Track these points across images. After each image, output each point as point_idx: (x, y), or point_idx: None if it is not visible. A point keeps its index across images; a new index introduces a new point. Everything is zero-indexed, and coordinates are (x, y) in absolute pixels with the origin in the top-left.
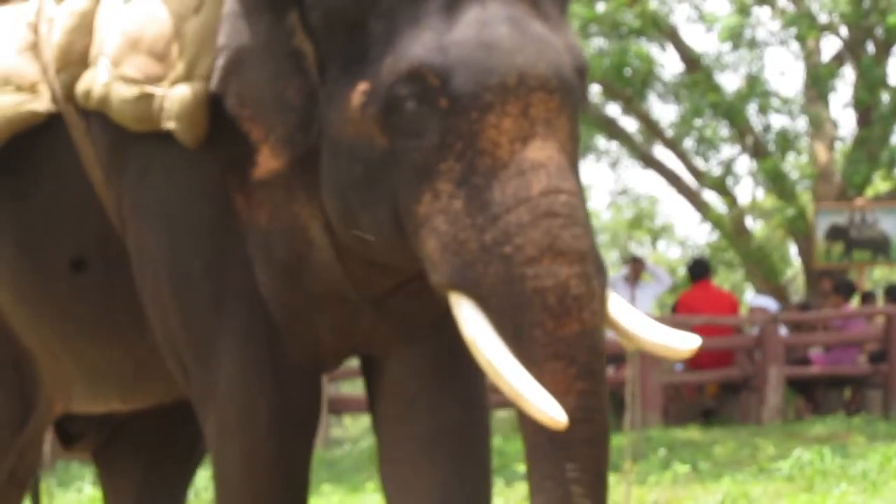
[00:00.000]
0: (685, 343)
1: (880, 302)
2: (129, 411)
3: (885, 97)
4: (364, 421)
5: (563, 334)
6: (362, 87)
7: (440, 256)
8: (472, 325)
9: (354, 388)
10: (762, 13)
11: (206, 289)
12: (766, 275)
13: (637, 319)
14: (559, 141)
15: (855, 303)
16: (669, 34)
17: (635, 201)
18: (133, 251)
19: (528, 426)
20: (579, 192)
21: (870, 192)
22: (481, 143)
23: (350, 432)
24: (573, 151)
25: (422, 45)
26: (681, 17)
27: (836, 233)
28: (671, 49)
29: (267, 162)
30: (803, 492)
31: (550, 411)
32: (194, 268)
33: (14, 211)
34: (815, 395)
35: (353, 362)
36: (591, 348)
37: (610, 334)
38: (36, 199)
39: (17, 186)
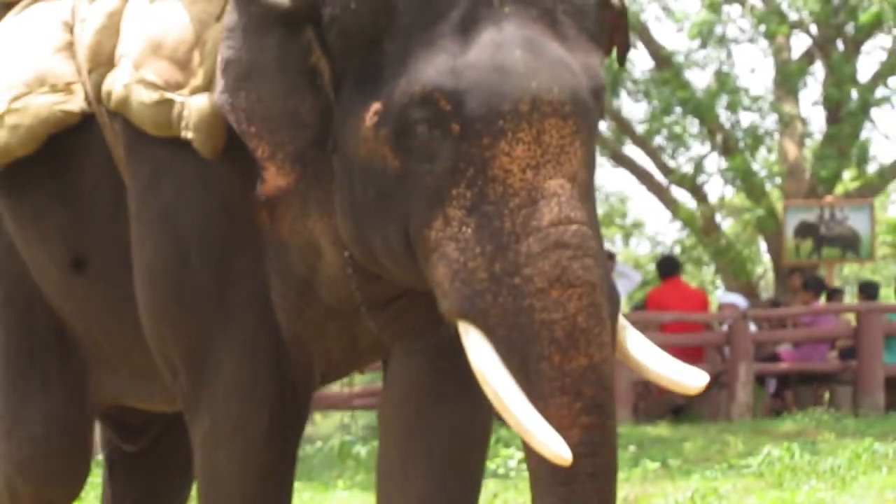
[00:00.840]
0: (694, 380)
1: (848, 298)
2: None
3: (854, 94)
4: (334, 419)
5: (570, 368)
6: (375, 107)
7: (449, 284)
8: (480, 355)
9: (325, 386)
10: (732, 10)
11: (212, 298)
12: (735, 272)
13: (648, 350)
14: (572, 168)
15: (823, 299)
16: (639, 31)
17: (606, 199)
18: (134, 253)
19: (533, 458)
20: (591, 222)
21: (839, 189)
22: (493, 169)
23: (321, 430)
24: (587, 179)
25: (435, 67)
26: (651, 15)
27: (805, 230)
28: (641, 46)
29: (274, 179)
30: (773, 488)
31: (554, 446)
32: (202, 278)
33: (59, 212)
34: (786, 392)
35: None
36: (598, 382)
37: None
38: (81, 204)
39: (59, 187)
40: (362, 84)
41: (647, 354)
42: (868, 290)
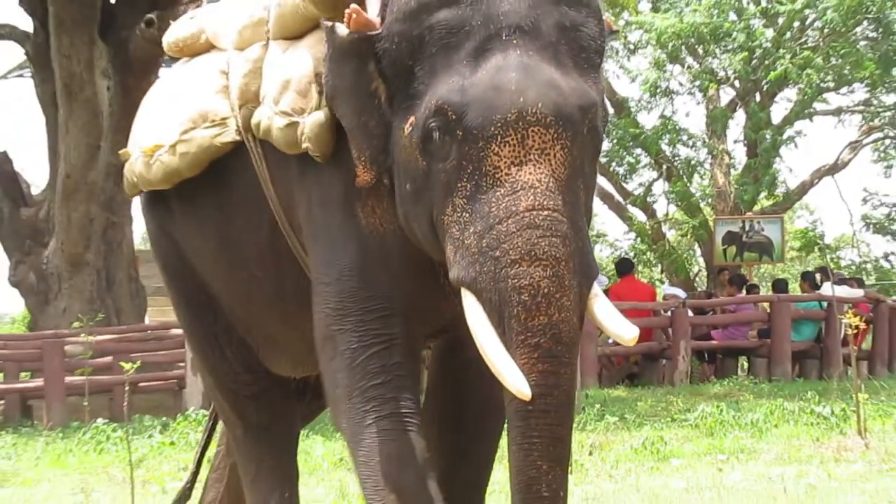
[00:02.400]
0: (629, 334)
1: (763, 291)
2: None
3: (768, 135)
4: None
5: (532, 325)
6: (410, 119)
7: (453, 258)
8: (472, 314)
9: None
10: (674, 69)
11: (338, 288)
12: (676, 270)
13: (607, 311)
14: (550, 167)
15: (745, 292)
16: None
17: None
18: (308, 251)
19: (506, 398)
20: (565, 210)
21: (757, 207)
22: (485, 166)
23: None
24: (567, 175)
25: (447, 86)
26: (611, 72)
27: (730, 238)
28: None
29: (362, 175)
30: (706, 437)
31: (518, 385)
32: (335, 265)
33: (216, 220)
34: (716, 362)
35: None
36: (554, 337)
37: None
38: (230, 210)
39: (216, 199)
40: (404, 102)
41: (604, 313)
42: (779, 285)
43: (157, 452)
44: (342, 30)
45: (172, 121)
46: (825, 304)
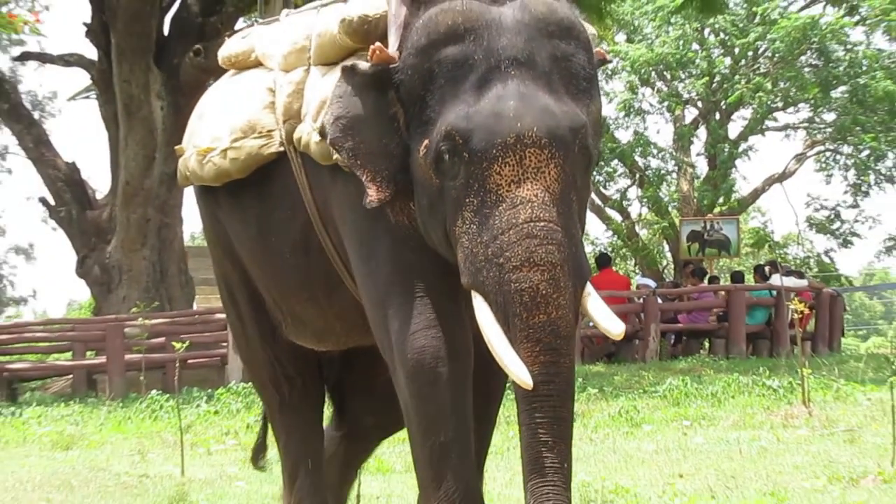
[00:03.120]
0: (616, 330)
1: (722, 281)
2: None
3: (726, 148)
4: None
5: (533, 322)
6: (425, 142)
7: (463, 265)
8: (481, 313)
9: None
10: (646, 92)
11: (382, 272)
12: (648, 264)
13: (598, 308)
14: (546, 183)
15: (706, 282)
16: None
17: None
18: (347, 247)
19: (514, 388)
20: (559, 220)
21: (716, 210)
22: (489, 184)
23: None
24: (560, 191)
25: (455, 114)
26: None
27: (694, 237)
28: None
29: (375, 195)
30: (672, 406)
31: (521, 375)
32: (373, 257)
33: (257, 212)
34: (681, 342)
35: None
36: (553, 332)
37: None
38: (270, 205)
39: (259, 197)
40: (419, 127)
41: (596, 311)
42: (736, 277)
43: (202, 419)
44: (363, 65)
45: (224, 128)
46: (774, 292)
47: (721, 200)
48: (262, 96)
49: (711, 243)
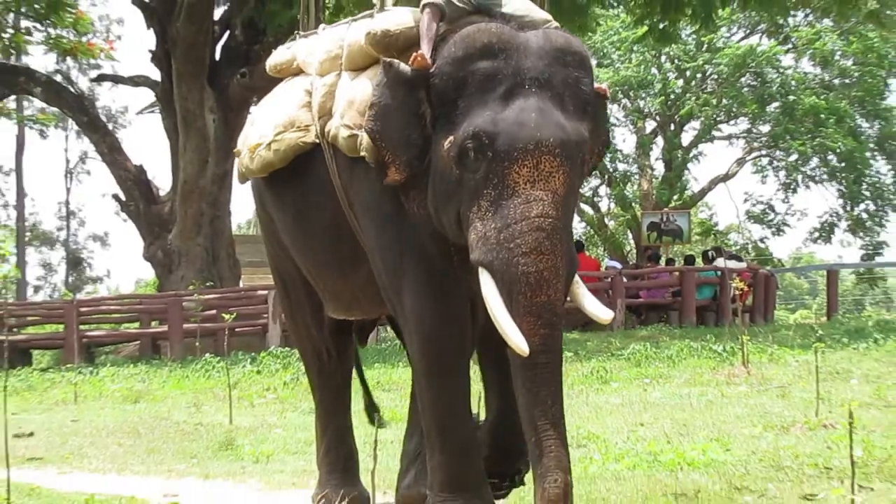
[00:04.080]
0: (605, 316)
1: (676, 263)
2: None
3: (679, 154)
4: None
5: (535, 301)
6: (450, 139)
7: (475, 244)
8: (487, 288)
9: None
10: (613, 108)
11: (396, 250)
12: (614, 249)
13: (586, 296)
14: (555, 186)
15: (663, 263)
16: None
17: None
18: (362, 228)
19: (511, 355)
20: (563, 218)
21: (671, 205)
22: (508, 180)
23: (391, 333)
24: (564, 194)
25: (483, 118)
26: None
27: (653, 227)
28: None
29: (392, 175)
30: (635, 366)
31: (520, 343)
32: (387, 237)
33: (294, 198)
34: (642, 315)
35: None
36: (551, 311)
37: None
38: (303, 190)
39: (296, 184)
40: (446, 124)
41: (585, 299)
42: (688, 260)
43: (247, 378)
44: (402, 66)
45: (269, 126)
46: (719, 273)
47: (676, 197)
48: (301, 97)
49: (667, 232)
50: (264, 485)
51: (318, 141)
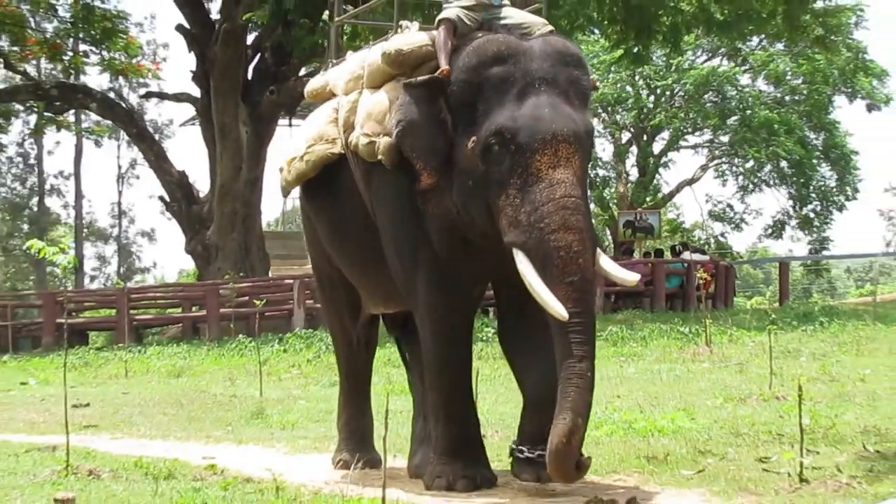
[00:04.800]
0: (630, 278)
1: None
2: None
3: (651, 162)
4: None
5: (568, 270)
6: (473, 139)
7: (507, 228)
8: (523, 265)
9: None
10: (594, 121)
11: (410, 245)
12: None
13: (609, 264)
14: (573, 169)
15: (636, 256)
16: None
17: None
18: (379, 226)
19: (550, 320)
20: (583, 197)
21: (644, 205)
22: (531, 169)
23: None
24: (580, 175)
25: (503, 117)
26: None
27: (628, 224)
28: None
29: (426, 180)
30: (612, 346)
31: (558, 308)
32: (403, 235)
33: (328, 205)
34: (619, 301)
35: None
36: (582, 278)
37: None
38: (336, 198)
39: (327, 192)
40: (467, 127)
41: (609, 266)
42: (658, 254)
43: (275, 356)
44: (420, 81)
45: (302, 140)
46: (685, 264)
47: (648, 198)
48: (329, 114)
49: (640, 229)
50: (290, 449)
51: (343, 152)
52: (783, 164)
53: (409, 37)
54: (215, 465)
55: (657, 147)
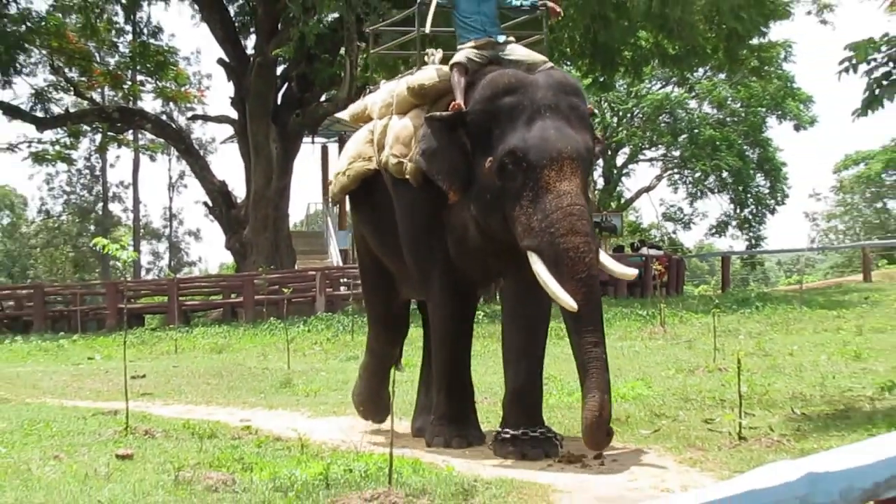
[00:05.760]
0: (629, 273)
1: (610, 252)
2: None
3: (615, 172)
4: None
5: (577, 268)
6: (490, 159)
7: (522, 234)
8: (537, 265)
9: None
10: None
11: (426, 250)
12: None
13: (611, 262)
14: (577, 182)
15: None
16: None
17: None
18: (400, 230)
19: (563, 312)
20: (586, 205)
21: (609, 208)
22: (541, 182)
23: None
24: (583, 188)
25: (515, 139)
26: None
27: (595, 225)
28: None
29: (453, 197)
30: None
31: (569, 301)
32: (421, 240)
33: (368, 215)
34: None
35: None
36: (590, 275)
37: None
38: (375, 206)
39: (366, 203)
40: (484, 149)
41: (610, 263)
42: (620, 249)
43: (301, 335)
44: (442, 116)
45: (345, 158)
46: (643, 258)
47: (612, 203)
48: (366, 135)
49: (605, 229)
50: (313, 413)
51: (378, 168)
52: (725, 174)
53: (431, 72)
54: (250, 426)
55: (620, 160)
